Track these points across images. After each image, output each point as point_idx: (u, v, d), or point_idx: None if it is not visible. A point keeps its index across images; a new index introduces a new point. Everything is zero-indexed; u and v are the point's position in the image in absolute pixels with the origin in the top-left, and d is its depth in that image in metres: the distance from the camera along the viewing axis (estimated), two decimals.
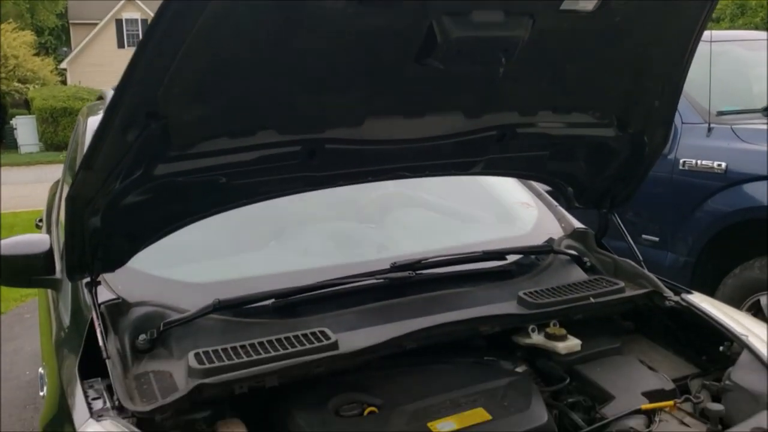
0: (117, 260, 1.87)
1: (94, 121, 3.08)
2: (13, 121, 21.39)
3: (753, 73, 4.65)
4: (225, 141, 1.71)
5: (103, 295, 1.91)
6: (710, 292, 2.57)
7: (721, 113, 4.03)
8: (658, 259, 4.01)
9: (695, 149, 3.91)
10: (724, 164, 3.73)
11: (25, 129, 20.82)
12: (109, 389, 1.66)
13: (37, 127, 20.82)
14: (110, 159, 1.54)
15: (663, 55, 2.02)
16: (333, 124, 1.80)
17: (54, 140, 20.39)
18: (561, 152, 2.30)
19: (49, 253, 2.23)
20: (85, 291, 1.88)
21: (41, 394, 2.14)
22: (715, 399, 1.84)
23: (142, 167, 1.64)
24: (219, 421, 1.72)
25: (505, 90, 1.93)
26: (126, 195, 1.70)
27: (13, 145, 21.08)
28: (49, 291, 2.57)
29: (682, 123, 4.02)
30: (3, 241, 2.22)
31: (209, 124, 1.64)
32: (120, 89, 1.44)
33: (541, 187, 2.87)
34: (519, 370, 2.02)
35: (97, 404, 1.63)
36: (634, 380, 1.93)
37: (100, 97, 4.12)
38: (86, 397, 1.66)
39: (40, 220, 4.14)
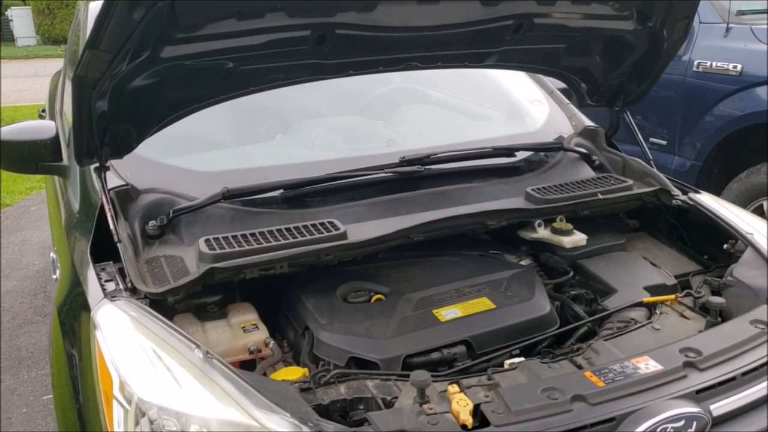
0: (125, 146, 1.86)
1: (95, 6, 2.97)
2: (9, 12, 20.73)
3: None
4: (232, 23, 1.66)
5: (112, 181, 1.91)
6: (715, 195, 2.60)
7: (741, 12, 3.89)
8: (664, 163, 3.99)
9: (711, 50, 3.80)
10: (740, 66, 3.63)
11: (21, 21, 20.22)
12: (121, 272, 1.69)
13: (33, 19, 20.21)
14: (116, 38, 1.50)
15: None
16: (344, 7, 1.73)
17: (51, 33, 19.85)
18: (577, 46, 2.24)
19: (56, 139, 2.21)
20: (94, 176, 1.88)
21: (54, 277, 2.18)
22: (716, 294, 1.87)
23: (149, 49, 1.60)
24: (230, 305, 1.77)
25: None
26: (133, 78, 1.66)
27: (10, 38, 20.54)
28: (57, 178, 2.58)
29: (700, 23, 3.89)
30: (6, 127, 2.20)
31: (216, 3, 1.58)
32: None
33: (553, 84, 2.81)
34: (523, 263, 2.05)
35: (110, 286, 1.66)
36: (637, 275, 1.96)
37: None
38: (99, 279, 1.69)
39: (43, 111, 4.10)
